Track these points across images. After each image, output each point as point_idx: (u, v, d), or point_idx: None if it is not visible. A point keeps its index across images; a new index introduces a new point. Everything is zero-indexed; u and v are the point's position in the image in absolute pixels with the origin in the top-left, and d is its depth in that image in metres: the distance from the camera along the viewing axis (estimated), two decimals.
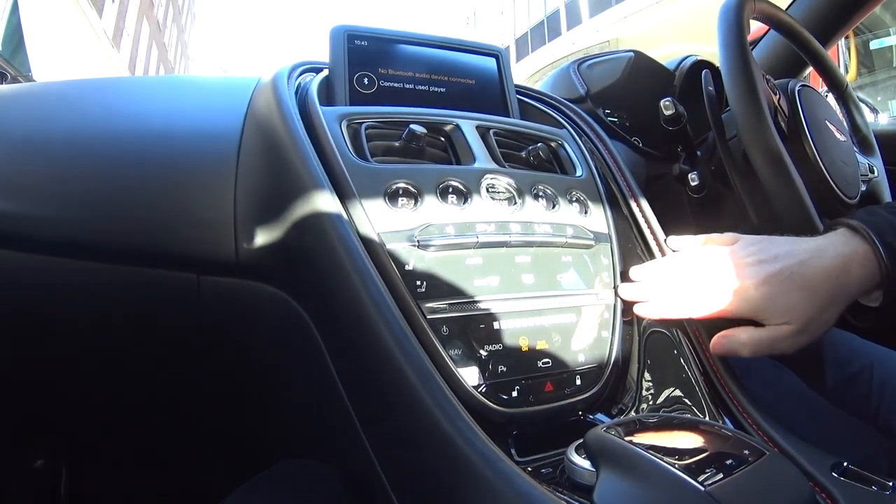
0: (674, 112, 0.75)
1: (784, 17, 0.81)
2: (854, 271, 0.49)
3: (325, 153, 0.51)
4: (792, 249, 0.50)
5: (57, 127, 0.60)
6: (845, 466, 0.42)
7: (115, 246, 0.56)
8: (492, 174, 0.55)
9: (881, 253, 0.48)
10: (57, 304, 0.61)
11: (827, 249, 0.49)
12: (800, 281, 0.48)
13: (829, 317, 0.49)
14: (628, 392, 0.55)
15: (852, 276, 0.49)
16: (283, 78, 0.58)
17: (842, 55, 3.74)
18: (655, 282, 0.54)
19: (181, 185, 0.56)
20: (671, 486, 0.34)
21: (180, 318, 0.61)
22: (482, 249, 0.51)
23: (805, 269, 0.48)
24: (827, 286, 0.48)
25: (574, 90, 0.89)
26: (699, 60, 1.00)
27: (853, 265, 0.49)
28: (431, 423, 0.39)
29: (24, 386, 0.72)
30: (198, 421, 0.77)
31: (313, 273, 0.48)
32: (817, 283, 0.48)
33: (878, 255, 0.48)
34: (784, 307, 0.48)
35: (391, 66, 0.65)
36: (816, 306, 0.48)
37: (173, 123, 0.61)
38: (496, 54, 0.72)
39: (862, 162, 0.85)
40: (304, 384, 0.56)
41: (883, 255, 0.48)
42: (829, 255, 0.49)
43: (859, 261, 0.49)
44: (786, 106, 0.72)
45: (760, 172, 0.64)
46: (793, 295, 0.47)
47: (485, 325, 0.49)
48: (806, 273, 0.48)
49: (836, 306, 0.49)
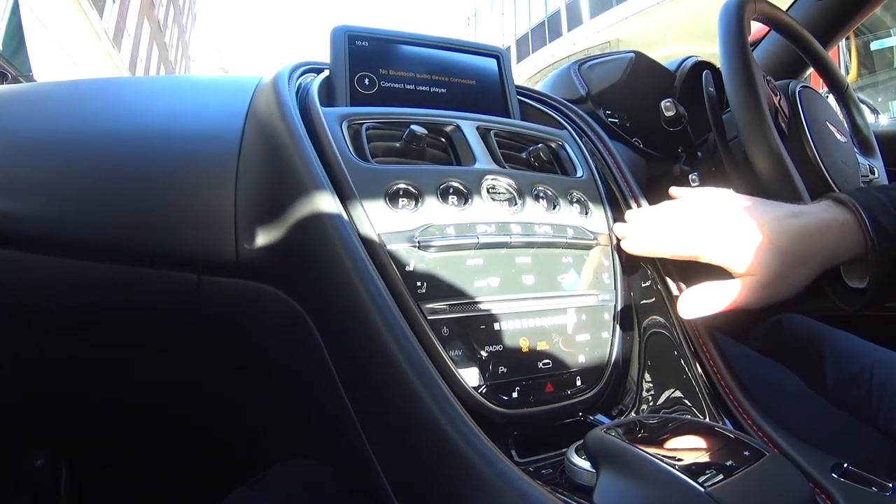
0: (674, 113, 0.75)
1: (785, 17, 0.81)
2: (831, 234, 0.49)
3: (325, 154, 0.51)
4: (772, 209, 0.51)
5: (58, 127, 0.60)
6: (845, 467, 0.41)
7: (115, 246, 0.56)
8: (492, 175, 0.55)
9: (867, 225, 0.48)
10: (57, 303, 0.61)
11: (807, 213, 0.50)
12: (772, 235, 0.48)
13: (798, 276, 0.49)
14: (628, 393, 0.55)
15: (828, 240, 0.49)
16: (284, 78, 0.58)
17: (842, 56, 3.74)
18: (644, 221, 0.56)
19: (182, 186, 0.56)
20: (671, 486, 0.34)
21: (180, 317, 0.61)
22: (483, 250, 0.51)
23: (779, 225, 0.49)
24: (799, 245, 0.48)
25: (575, 91, 0.89)
26: (700, 61, 1.00)
27: (831, 229, 0.49)
28: (431, 423, 0.39)
29: (24, 386, 0.72)
30: (198, 421, 0.77)
31: (314, 274, 0.48)
32: (789, 240, 0.48)
33: (864, 228, 0.48)
34: (751, 257, 0.48)
35: (392, 66, 0.65)
36: (785, 262, 0.48)
37: (174, 124, 0.61)
38: (497, 55, 0.72)
39: (862, 163, 0.85)
40: (304, 384, 0.56)
41: (868, 227, 0.48)
42: (807, 218, 0.50)
43: (837, 226, 0.49)
44: (786, 107, 0.72)
45: (761, 173, 0.64)
46: (763, 247, 0.48)
47: (485, 325, 0.49)
48: (780, 228, 0.49)
49: (807, 267, 0.49)
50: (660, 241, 0.54)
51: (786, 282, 0.49)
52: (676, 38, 10.59)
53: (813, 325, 0.71)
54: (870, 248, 0.48)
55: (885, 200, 0.50)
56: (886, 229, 0.48)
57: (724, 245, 0.50)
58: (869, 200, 0.50)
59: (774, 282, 0.48)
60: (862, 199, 0.50)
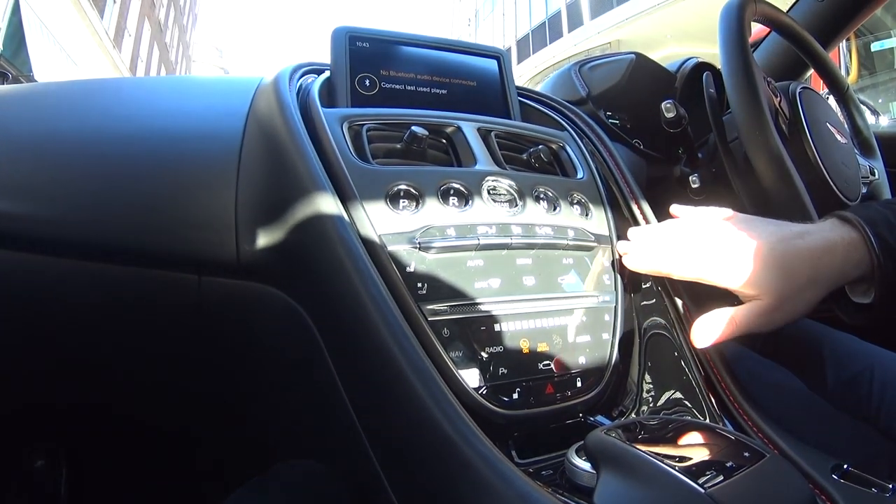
0: (675, 114, 0.75)
1: (785, 19, 0.81)
2: (838, 255, 0.49)
3: (326, 155, 0.51)
4: (778, 230, 0.50)
5: (59, 128, 0.60)
6: (845, 468, 0.42)
7: (115, 246, 0.56)
8: (493, 176, 0.56)
9: (872, 243, 0.48)
10: (58, 304, 0.61)
11: (813, 233, 0.50)
12: (779, 258, 0.48)
13: (807, 298, 0.48)
14: (629, 394, 0.55)
15: (836, 260, 0.49)
16: (285, 79, 0.58)
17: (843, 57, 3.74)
18: (648, 240, 0.56)
19: (183, 186, 0.56)
20: (671, 488, 0.34)
21: (181, 318, 0.61)
22: (483, 251, 0.51)
23: (786, 247, 0.48)
24: (806, 267, 0.48)
25: (575, 92, 0.89)
26: (700, 62, 1.00)
27: (838, 249, 0.49)
28: (432, 424, 0.39)
29: (24, 387, 0.72)
30: (198, 422, 0.77)
31: (314, 274, 0.49)
32: (797, 263, 0.48)
33: (869, 245, 0.48)
34: (758, 281, 0.48)
35: (393, 67, 0.65)
36: (793, 285, 0.48)
37: (175, 124, 0.61)
38: (497, 56, 0.72)
39: (863, 164, 0.85)
40: (305, 385, 0.56)
41: (874, 245, 0.48)
42: (813, 238, 0.49)
43: (844, 246, 0.49)
44: (787, 108, 0.72)
45: (761, 175, 0.64)
46: (770, 271, 0.47)
47: (486, 327, 0.49)
48: (786, 251, 0.48)
49: (816, 289, 0.48)
50: (664, 262, 0.53)
51: (795, 305, 0.48)
52: (677, 39, 10.59)
53: (813, 326, 0.71)
54: (876, 266, 0.48)
55: (889, 215, 0.50)
56: (891, 245, 0.48)
57: (731, 269, 0.49)
58: (872, 217, 0.50)
59: (784, 306, 0.48)
60: (866, 216, 0.50)
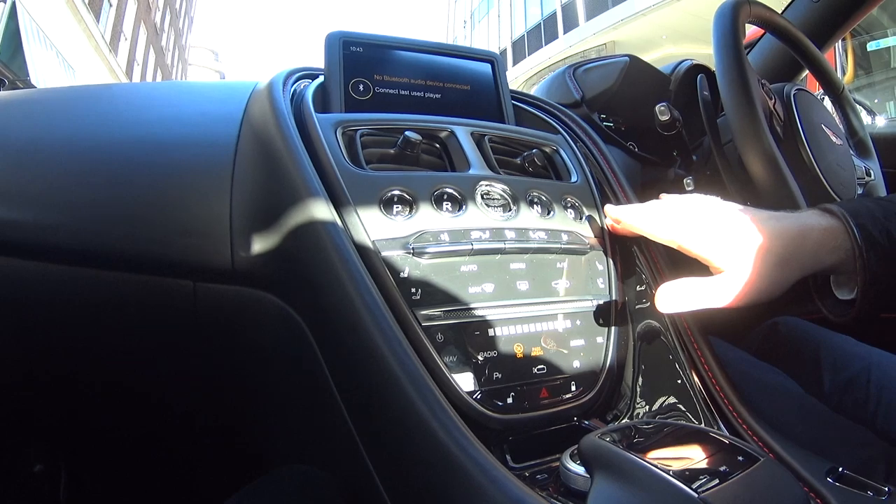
0: (669, 117, 0.76)
1: (780, 21, 0.81)
2: (812, 238, 0.49)
3: (320, 160, 0.51)
4: (757, 212, 0.51)
5: (54, 134, 0.60)
6: (840, 472, 0.41)
7: (110, 253, 0.56)
8: (486, 181, 0.56)
9: (854, 233, 0.49)
10: (53, 310, 0.61)
11: (790, 217, 0.51)
12: (752, 233, 0.48)
13: (778, 277, 0.49)
14: (623, 398, 0.55)
15: (810, 242, 0.49)
16: (279, 85, 0.58)
17: (839, 57, 3.75)
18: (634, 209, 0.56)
19: (177, 193, 0.56)
20: (665, 492, 0.34)
21: (177, 324, 0.61)
22: (477, 257, 0.51)
23: (763, 226, 0.49)
24: (778, 244, 0.48)
25: (569, 95, 0.89)
26: (695, 65, 1.00)
27: (813, 233, 0.49)
28: (426, 430, 0.39)
29: (22, 392, 0.72)
30: (194, 427, 0.77)
31: (308, 280, 0.49)
32: (769, 240, 0.48)
33: (851, 235, 0.49)
34: (730, 253, 0.48)
35: (386, 72, 0.65)
36: (764, 261, 0.48)
37: (170, 131, 0.61)
38: (491, 60, 0.72)
39: (858, 165, 0.85)
40: (300, 390, 0.56)
41: (857, 234, 0.49)
42: (789, 220, 0.50)
43: (820, 230, 0.49)
44: (781, 110, 0.72)
45: (755, 177, 0.64)
46: (743, 244, 0.48)
47: (480, 331, 0.49)
48: (763, 228, 0.48)
49: (785, 270, 0.49)
50: (643, 220, 0.53)
51: (765, 282, 0.48)
52: (673, 40, 10.61)
53: (809, 328, 0.72)
54: (857, 256, 0.48)
55: (875, 209, 0.50)
56: (874, 237, 0.48)
57: (703, 236, 0.49)
58: (857, 209, 0.50)
59: (753, 281, 0.48)
60: (850, 208, 0.50)
